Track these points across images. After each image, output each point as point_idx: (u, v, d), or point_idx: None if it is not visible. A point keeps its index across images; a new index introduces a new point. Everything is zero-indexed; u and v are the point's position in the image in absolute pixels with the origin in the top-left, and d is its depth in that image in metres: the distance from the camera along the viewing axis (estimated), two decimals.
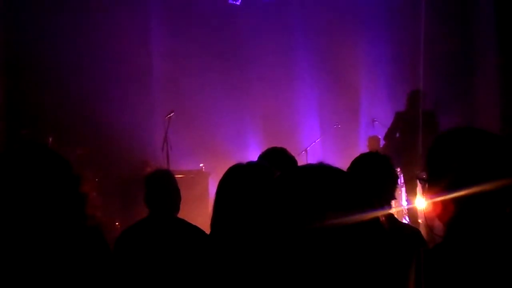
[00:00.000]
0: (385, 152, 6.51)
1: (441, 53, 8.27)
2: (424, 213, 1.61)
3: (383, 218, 2.46)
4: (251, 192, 1.85)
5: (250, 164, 2.04)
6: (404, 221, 6.27)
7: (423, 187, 1.53)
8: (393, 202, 2.59)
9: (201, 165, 7.94)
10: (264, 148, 3.06)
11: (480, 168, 1.40)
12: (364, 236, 0.91)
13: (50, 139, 6.69)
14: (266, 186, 1.03)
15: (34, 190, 1.60)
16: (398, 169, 7.00)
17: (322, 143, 8.96)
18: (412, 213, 6.76)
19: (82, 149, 7.08)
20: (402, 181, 7.14)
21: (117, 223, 7.01)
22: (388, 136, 7.22)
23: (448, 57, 8.23)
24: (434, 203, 1.46)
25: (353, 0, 9.34)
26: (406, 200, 7.08)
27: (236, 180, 1.93)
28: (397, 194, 2.76)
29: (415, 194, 6.65)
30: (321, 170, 1.02)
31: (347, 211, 0.90)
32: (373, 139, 8.35)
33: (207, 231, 2.33)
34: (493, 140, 1.44)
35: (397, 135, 7.10)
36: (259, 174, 1.92)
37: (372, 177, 2.41)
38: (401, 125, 7.02)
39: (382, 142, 8.14)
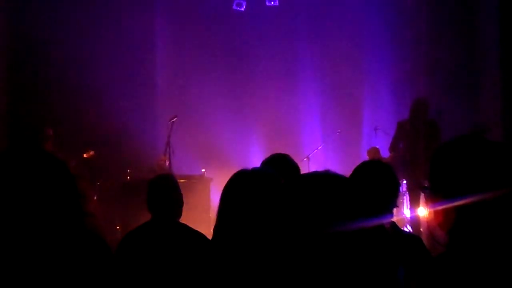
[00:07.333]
0: (391, 163, 6.48)
1: (444, 60, 8.26)
2: (426, 222, 1.62)
3: (388, 226, 2.46)
4: (257, 198, 1.84)
5: (255, 170, 2.03)
6: (405, 229, 6.26)
7: (425, 196, 1.53)
8: (394, 210, 2.59)
9: (203, 170, 7.93)
10: (266, 154, 3.06)
11: (481, 177, 1.40)
12: (370, 242, 0.92)
13: (51, 132, 6.68)
14: (274, 193, 1.04)
15: (26, 191, 1.59)
16: (403, 179, 6.97)
17: (324, 150, 8.95)
18: (414, 222, 6.74)
19: (86, 153, 7.10)
20: (404, 189, 7.11)
21: (118, 227, 7.01)
22: (392, 147, 7.18)
23: (451, 65, 8.22)
24: (436, 212, 1.46)
25: (357, 7, 9.35)
26: (410, 209, 7.06)
27: (241, 186, 1.91)
28: (398, 202, 2.77)
29: (418, 203, 6.62)
30: (328, 178, 1.03)
31: (353, 218, 0.91)
32: (372, 151, 8.30)
33: (209, 236, 2.33)
34: (495, 148, 1.44)
35: (401, 145, 7.03)
36: (264, 181, 1.91)
37: (374, 185, 2.42)
38: (404, 135, 6.97)
39: (382, 153, 8.10)
